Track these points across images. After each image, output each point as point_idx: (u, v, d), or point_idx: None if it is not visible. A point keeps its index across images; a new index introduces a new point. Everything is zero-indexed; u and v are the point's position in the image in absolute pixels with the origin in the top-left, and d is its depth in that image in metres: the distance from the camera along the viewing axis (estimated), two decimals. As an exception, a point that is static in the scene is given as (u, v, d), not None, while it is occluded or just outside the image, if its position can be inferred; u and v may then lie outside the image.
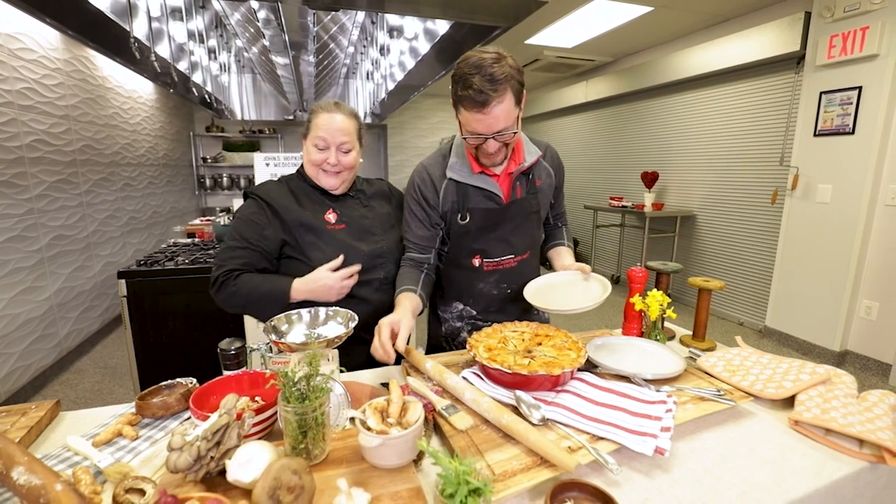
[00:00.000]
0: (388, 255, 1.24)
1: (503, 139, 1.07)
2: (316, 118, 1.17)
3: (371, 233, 1.24)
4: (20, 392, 2.56)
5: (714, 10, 3.61)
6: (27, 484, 0.58)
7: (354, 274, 1.14)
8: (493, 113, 1.00)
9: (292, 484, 0.57)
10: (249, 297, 1.08)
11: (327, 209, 1.21)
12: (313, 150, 1.17)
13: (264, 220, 1.15)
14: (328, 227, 1.18)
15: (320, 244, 1.16)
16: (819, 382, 0.94)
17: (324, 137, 1.15)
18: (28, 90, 2.70)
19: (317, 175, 1.20)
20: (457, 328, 1.33)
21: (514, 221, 1.23)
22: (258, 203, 1.17)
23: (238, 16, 3.07)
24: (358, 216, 1.24)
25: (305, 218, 1.16)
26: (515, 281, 1.26)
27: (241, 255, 1.12)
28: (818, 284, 3.14)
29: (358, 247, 1.19)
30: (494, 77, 0.96)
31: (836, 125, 2.94)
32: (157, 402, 0.85)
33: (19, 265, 2.60)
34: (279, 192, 1.20)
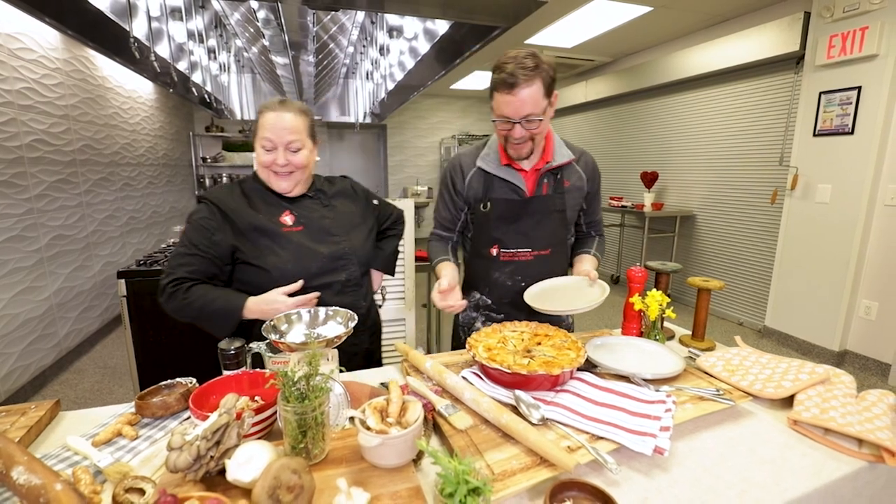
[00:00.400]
0: (351, 257, 1.20)
1: (529, 127, 1.13)
2: (262, 118, 1.11)
3: (331, 234, 1.19)
4: (20, 392, 2.56)
5: (713, 10, 3.61)
6: (27, 483, 0.58)
7: (312, 300, 1.08)
8: (520, 95, 1.09)
9: (292, 483, 0.57)
10: (202, 311, 1.04)
11: (283, 211, 1.16)
12: (261, 152, 1.12)
13: (214, 226, 1.10)
14: (284, 230, 1.13)
15: (276, 248, 1.11)
16: (818, 382, 0.94)
17: (269, 138, 1.09)
18: (28, 90, 2.70)
19: (268, 178, 1.14)
20: (472, 318, 1.40)
21: (535, 217, 1.27)
22: (209, 207, 1.12)
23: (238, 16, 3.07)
24: (317, 217, 1.19)
25: (259, 221, 1.11)
26: (530, 275, 1.29)
27: (189, 262, 1.07)
28: (818, 284, 3.14)
29: (317, 249, 1.14)
30: (526, 65, 1.07)
31: (836, 125, 2.94)
32: (157, 402, 0.85)
33: (19, 265, 2.59)
34: (231, 195, 1.15)
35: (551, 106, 1.16)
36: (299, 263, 1.11)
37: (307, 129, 1.15)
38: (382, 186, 7.92)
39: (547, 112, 1.15)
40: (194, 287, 1.05)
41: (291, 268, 1.10)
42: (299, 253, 1.12)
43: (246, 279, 1.12)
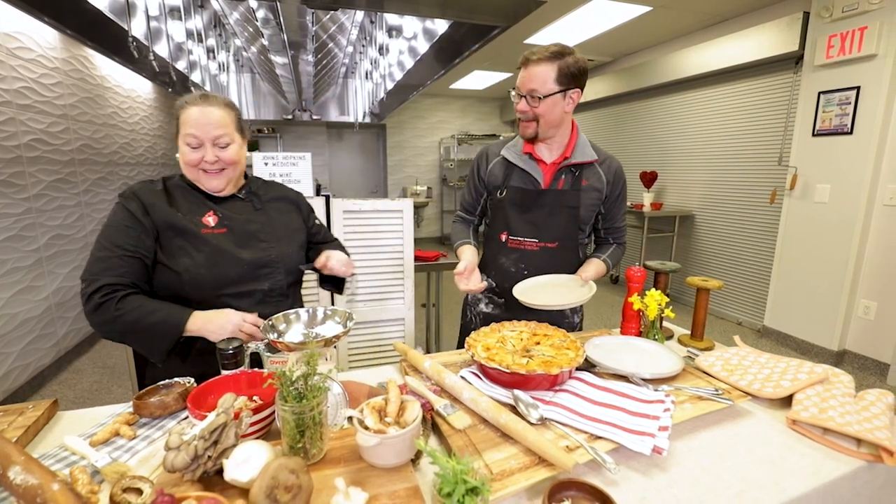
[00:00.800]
0: (278, 265, 1.12)
1: (532, 104, 1.21)
2: (183, 113, 1.02)
3: (258, 239, 1.11)
4: (18, 391, 2.56)
5: (713, 10, 3.62)
6: (24, 483, 0.58)
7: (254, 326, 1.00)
8: (529, 70, 1.18)
9: (290, 483, 0.57)
10: (136, 326, 0.95)
11: (207, 211, 1.08)
12: (186, 150, 1.03)
13: (137, 223, 1.01)
14: (203, 232, 1.05)
15: (190, 250, 1.03)
16: (817, 382, 0.94)
17: (194, 134, 1.01)
18: (26, 89, 2.69)
19: (197, 177, 1.07)
20: (478, 298, 1.47)
21: (546, 209, 1.31)
22: (130, 204, 1.02)
23: (237, 15, 3.07)
24: (244, 220, 1.11)
25: (175, 220, 1.03)
26: (534, 265, 1.33)
27: (116, 265, 0.97)
28: (816, 284, 3.14)
29: (238, 254, 1.06)
30: (548, 49, 1.16)
31: (835, 125, 2.94)
32: (155, 402, 0.85)
33: (17, 265, 2.59)
34: (151, 190, 1.06)
35: (565, 98, 1.22)
36: (215, 268, 1.03)
37: (234, 122, 1.08)
38: (382, 186, 7.92)
39: (555, 99, 1.20)
40: (129, 297, 0.96)
41: (205, 272, 1.02)
42: (216, 257, 1.04)
43: (156, 281, 1.04)
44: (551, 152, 1.32)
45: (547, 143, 1.32)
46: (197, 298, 1.03)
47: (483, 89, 7.00)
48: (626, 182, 1.38)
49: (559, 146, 1.31)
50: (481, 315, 1.47)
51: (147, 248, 1.01)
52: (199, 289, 1.02)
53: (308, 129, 6.88)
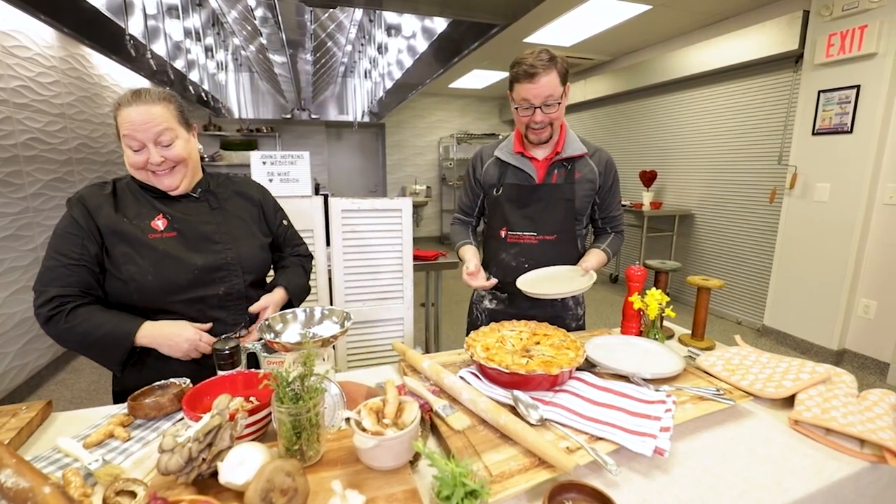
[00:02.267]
0: (234, 267, 1.07)
1: (548, 112, 1.24)
2: (119, 116, 0.96)
3: (212, 241, 1.05)
4: (16, 392, 2.55)
5: (712, 9, 3.61)
6: (14, 487, 0.57)
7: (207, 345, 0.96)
8: (541, 82, 1.21)
9: (285, 486, 0.56)
10: (85, 339, 0.91)
11: (156, 215, 1.02)
12: (130, 153, 0.97)
13: (82, 230, 0.96)
14: (150, 237, 0.99)
15: (135, 256, 0.97)
16: (819, 382, 0.93)
17: (133, 136, 0.95)
18: (23, 88, 2.68)
19: (148, 178, 1.01)
20: (482, 296, 1.51)
21: (543, 203, 1.35)
22: (74, 209, 0.97)
23: (235, 14, 3.05)
24: (196, 221, 1.05)
25: (120, 225, 0.97)
26: (534, 257, 1.37)
27: (62, 275, 0.93)
28: (816, 283, 3.14)
29: (188, 259, 1.01)
30: (543, 58, 1.20)
31: (835, 124, 2.93)
32: (150, 403, 0.84)
33: (14, 264, 2.58)
34: (98, 193, 1.00)
35: (565, 95, 1.26)
36: (162, 275, 0.98)
37: (176, 116, 1.00)
38: (381, 185, 7.91)
39: (562, 100, 1.25)
40: (79, 309, 0.92)
41: (152, 279, 0.97)
42: (163, 264, 0.98)
43: (107, 289, 0.99)
44: (542, 149, 1.37)
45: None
46: (146, 307, 0.98)
47: (482, 88, 6.98)
48: (617, 172, 1.42)
49: (550, 142, 1.36)
50: (486, 311, 1.49)
51: (92, 256, 0.96)
52: (146, 297, 0.97)
53: (307, 128, 6.86)
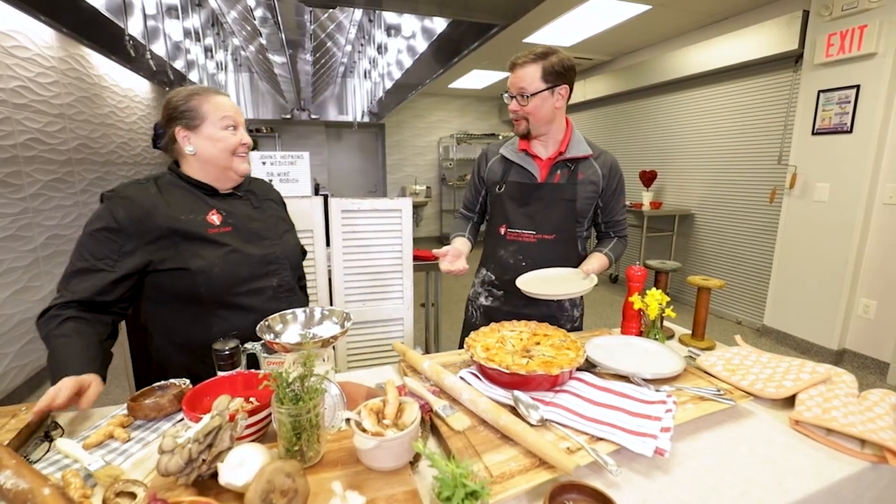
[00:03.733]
0: (283, 261, 1.13)
1: (522, 103, 1.27)
2: (208, 101, 1.02)
3: (261, 237, 1.11)
4: (15, 392, 2.54)
5: (712, 9, 3.61)
6: (14, 488, 0.57)
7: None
8: (517, 73, 1.25)
9: (286, 487, 0.56)
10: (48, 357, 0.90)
11: (210, 210, 1.05)
12: (225, 134, 1.03)
13: (122, 237, 0.96)
14: (210, 232, 1.02)
15: (199, 250, 1.00)
16: (819, 382, 0.93)
17: (232, 116, 1.03)
18: (22, 88, 2.67)
19: (230, 163, 1.05)
20: (478, 293, 1.51)
21: (544, 202, 1.35)
22: (117, 210, 0.97)
23: (234, 14, 3.05)
24: (245, 218, 1.10)
25: (179, 224, 0.99)
26: (532, 256, 1.37)
27: (88, 280, 0.94)
28: (816, 283, 3.14)
29: (246, 251, 1.06)
30: (533, 51, 1.23)
31: (834, 124, 2.93)
32: (150, 404, 0.83)
33: (14, 265, 2.57)
34: (148, 194, 1.01)
35: (553, 95, 1.26)
36: (227, 268, 1.02)
37: None
38: (381, 186, 7.91)
39: (543, 96, 1.25)
40: (66, 325, 0.91)
41: (218, 272, 1.01)
42: (228, 257, 1.02)
43: (166, 286, 1.01)
44: (546, 148, 1.37)
45: (541, 140, 1.37)
46: (211, 299, 1.02)
47: (482, 88, 6.98)
48: (622, 176, 1.41)
49: (554, 142, 1.36)
50: (481, 309, 1.49)
51: (129, 264, 0.97)
52: (213, 289, 1.01)
53: (306, 128, 6.86)
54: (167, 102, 1.04)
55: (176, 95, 1.04)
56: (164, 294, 1.02)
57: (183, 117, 1.03)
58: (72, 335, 0.90)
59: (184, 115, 1.02)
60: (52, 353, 0.89)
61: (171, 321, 1.05)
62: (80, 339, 0.90)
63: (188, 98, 1.02)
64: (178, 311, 1.03)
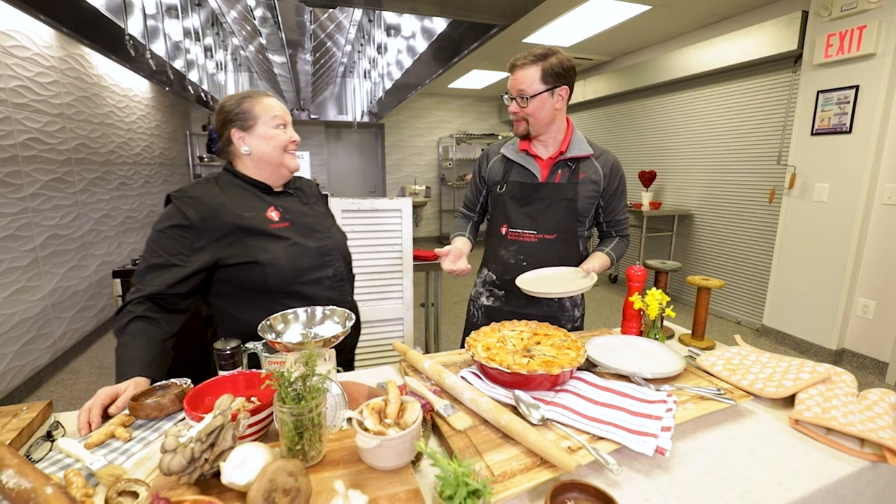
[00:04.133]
0: (335, 252, 1.21)
1: (522, 105, 1.27)
2: (259, 103, 1.10)
3: (314, 230, 1.18)
4: (15, 392, 2.54)
5: (711, 9, 3.61)
6: (17, 487, 0.57)
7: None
8: (516, 74, 1.26)
9: (288, 486, 0.56)
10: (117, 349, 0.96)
11: (268, 207, 1.12)
12: (277, 133, 1.10)
13: (193, 234, 1.02)
14: (271, 227, 1.09)
15: (265, 245, 1.07)
16: (819, 381, 0.93)
17: (281, 116, 1.11)
18: (22, 88, 2.67)
19: (282, 160, 1.12)
20: (479, 292, 1.52)
21: (545, 202, 1.35)
22: (186, 209, 1.03)
23: (234, 13, 3.05)
24: (298, 213, 1.18)
25: (244, 221, 1.06)
26: (533, 256, 1.37)
27: (162, 275, 0.99)
28: (815, 283, 3.14)
29: (306, 244, 1.13)
30: (532, 52, 1.24)
31: (834, 124, 2.94)
32: (151, 403, 0.83)
33: (13, 265, 2.57)
34: (214, 192, 1.08)
35: (553, 96, 1.26)
36: (291, 260, 1.09)
37: None
38: (380, 186, 7.91)
39: (542, 98, 1.26)
40: (135, 323, 0.96)
41: (284, 264, 1.07)
42: (291, 250, 1.10)
43: (236, 280, 1.07)
44: (547, 148, 1.37)
45: (542, 140, 1.37)
46: (279, 290, 1.09)
47: (482, 88, 6.99)
48: (624, 176, 1.41)
49: (554, 142, 1.36)
50: (483, 309, 1.49)
51: (200, 260, 1.02)
52: (280, 281, 1.08)
53: (306, 128, 6.86)
54: (220, 108, 1.11)
55: (228, 101, 1.10)
56: (234, 287, 1.08)
57: (238, 119, 1.09)
58: (137, 335, 0.96)
59: (238, 118, 1.09)
60: (117, 350, 0.95)
61: (240, 313, 1.09)
62: (143, 341, 0.96)
63: (240, 101, 1.10)
64: (247, 302, 1.07)
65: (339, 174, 7.62)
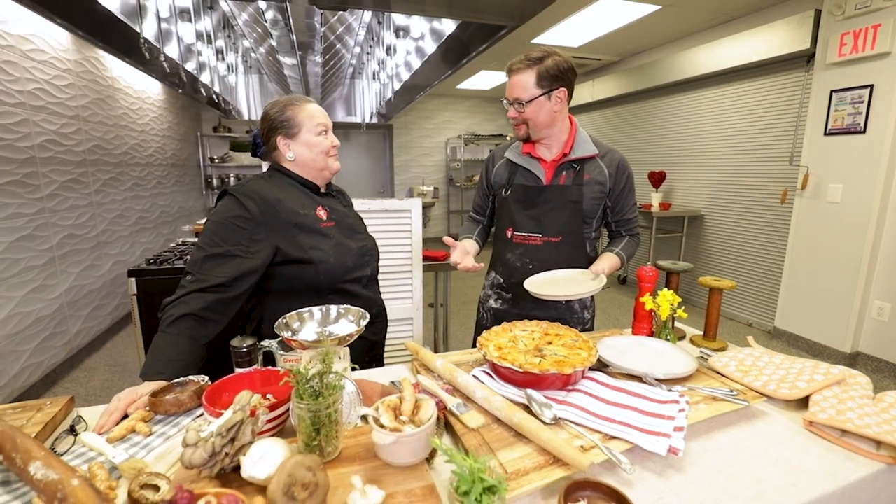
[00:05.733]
0: (373, 253, 1.26)
1: (519, 109, 1.28)
2: (303, 110, 1.13)
3: (356, 231, 1.23)
4: (32, 389, 2.59)
5: (722, 9, 3.59)
6: (44, 479, 0.59)
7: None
8: (512, 80, 1.27)
9: (307, 480, 0.57)
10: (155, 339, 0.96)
11: (318, 206, 1.17)
12: (320, 139, 1.14)
13: (252, 223, 1.04)
14: (321, 225, 1.14)
15: (317, 242, 1.11)
16: (834, 383, 0.93)
17: (324, 123, 1.15)
18: (39, 91, 2.73)
19: (325, 163, 1.17)
20: (488, 295, 1.52)
21: (549, 204, 1.35)
22: (245, 202, 1.05)
23: (246, 16, 3.09)
24: (342, 214, 1.23)
25: (299, 218, 1.10)
26: (539, 259, 1.37)
27: (224, 265, 1.00)
28: (828, 285, 3.11)
29: (349, 244, 1.18)
30: (528, 56, 1.23)
31: (847, 124, 2.91)
32: (170, 399, 0.85)
33: (31, 264, 2.62)
34: (272, 188, 1.11)
35: (550, 99, 1.26)
36: (339, 258, 1.13)
37: None
38: (388, 186, 7.94)
39: (539, 102, 1.25)
40: (183, 321, 0.96)
41: (333, 262, 1.12)
42: (338, 248, 1.14)
43: (288, 276, 1.10)
44: (551, 150, 1.37)
45: (545, 143, 1.36)
46: (327, 286, 1.12)
47: (490, 89, 6.99)
48: (631, 174, 1.39)
49: (558, 144, 1.35)
50: (491, 311, 1.50)
51: (260, 252, 1.04)
52: (330, 277, 1.12)
53: (315, 129, 6.90)
54: (265, 115, 1.15)
55: (272, 108, 1.14)
56: (289, 283, 1.11)
57: (282, 127, 1.13)
58: (184, 333, 0.96)
59: (283, 125, 1.13)
60: (158, 339, 0.95)
61: (291, 309, 1.08)
62: (187, 343, 0.96)
63: (284, 109, 1.13)
64: (299, 299, 1.08)
65: (347, 175, 7.66)
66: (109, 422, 0.82)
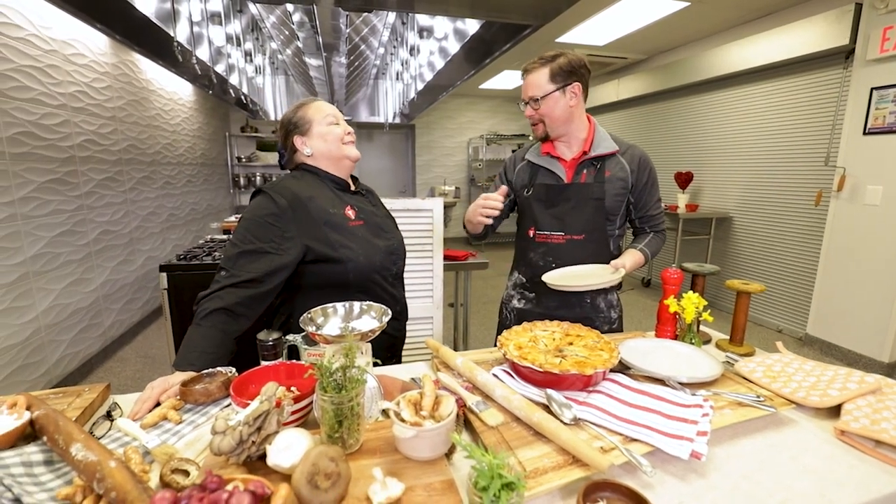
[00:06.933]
0: (400, 252, 1.27)
1: (535, 107, 1.31)
2: (311, 108, 1.18)
3: (383, 230, 1.25)
4: (69, 377, 2.72)
5: (755, 4, 3.48)
6: (84, 459, 0.62)
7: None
8: (527, 79, 1.30)
9: (329, 470, 0.59)
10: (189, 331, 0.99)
11: (346, 205, 1.18)
12: (333, 129, 1.17)
13: (284, 221, 1.06)
14: (350, 224, 1.15)
15: (346, 240, 1.13)
16: (869, 392, 0.89)
17: (332, 114, 1.18)
18: (80, 93, 2.86)
19: (341, 151, 1.18)
20: (510, 295, 1.53)
21: (571, 202, 1.35)
22: (278, 200, 1.07)
23: (273, 19, 3.16)
24: (370, 213, 1.24)
25: (328, 216, 1.12)
26: (561, 257, 1.37)
27: (257, 261, 1.02)
28: (865, 291, 2.98)
29: (377, 243, 1.19)
30: (542, 56, 1.27)
31: (889, 123, 2.78)
32: (200, 389, 0.88)
33: (70, 258, 2.75)
34: (304, 187, 1.13)
35: (565, 94, 1.27)
36: (367, 256, 1.15)
37: None
38: (410, 186, 7.99)
39: (553, 97, 1.27)
40: (216, 315, 0.98)
41: (362, 260, 1.13)
42: (366, 246, 1.15)
43: (319, 273, 1.12)
44: (570, 149, 1.37)
45: (564, 141, 1.36)
46: (355, 284, 1.15)
47: (512, 89, 6.95)
48: (653, 170, 1.38)
49: (577, 142, 1.36)
50: (515, 311, 1.50)
51: (291, 249, 1.06)
52: (359, 275, 1.14)
53: (339, 129, 7.00)
54: (280, 123, 1.21)
55: (284, 116, 1.20)
56: (319, 280, 1.13)
57: (296, 127, 1.18)
58: (217, 327, 0.99)
59: (297, 125, 1.18)
60: (192, 331, 0.98)
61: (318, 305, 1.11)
62: (219, 337, 0.99)
63: (294, 112, 1.19)
64: (328, 295, 1.10)
65: (369, 174, 7.74)
66: (143, 409, 0.86)
